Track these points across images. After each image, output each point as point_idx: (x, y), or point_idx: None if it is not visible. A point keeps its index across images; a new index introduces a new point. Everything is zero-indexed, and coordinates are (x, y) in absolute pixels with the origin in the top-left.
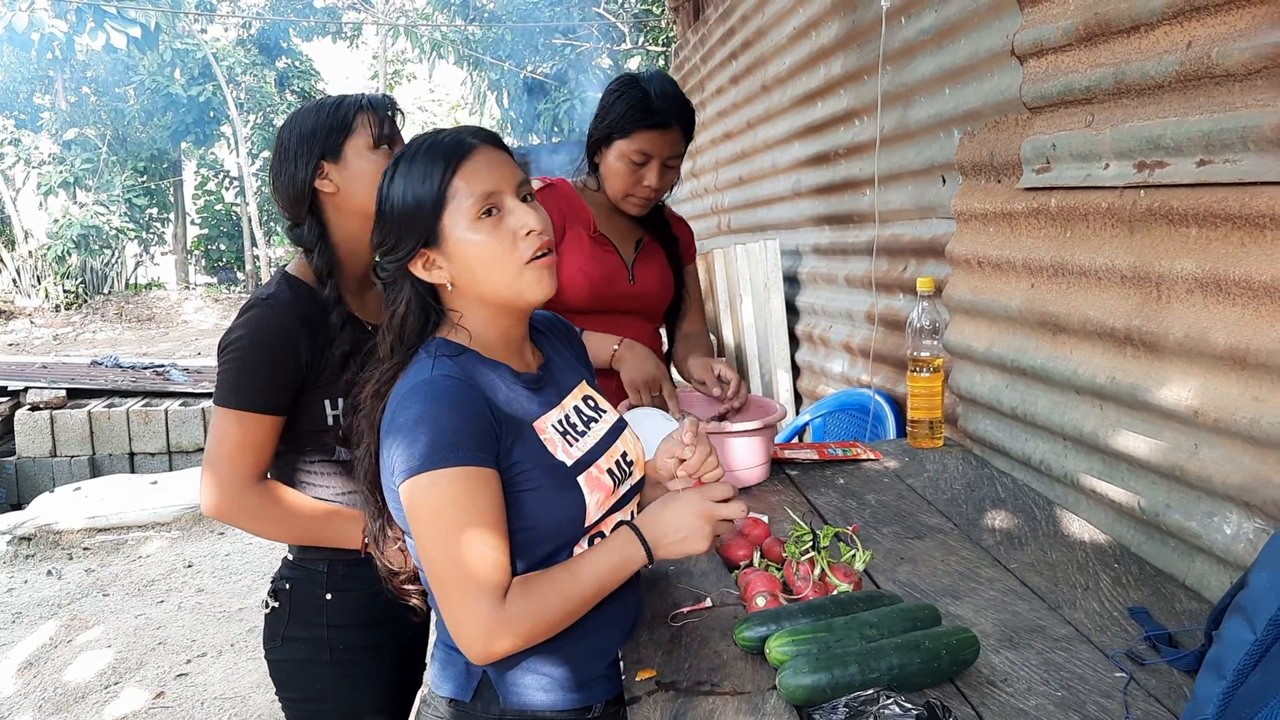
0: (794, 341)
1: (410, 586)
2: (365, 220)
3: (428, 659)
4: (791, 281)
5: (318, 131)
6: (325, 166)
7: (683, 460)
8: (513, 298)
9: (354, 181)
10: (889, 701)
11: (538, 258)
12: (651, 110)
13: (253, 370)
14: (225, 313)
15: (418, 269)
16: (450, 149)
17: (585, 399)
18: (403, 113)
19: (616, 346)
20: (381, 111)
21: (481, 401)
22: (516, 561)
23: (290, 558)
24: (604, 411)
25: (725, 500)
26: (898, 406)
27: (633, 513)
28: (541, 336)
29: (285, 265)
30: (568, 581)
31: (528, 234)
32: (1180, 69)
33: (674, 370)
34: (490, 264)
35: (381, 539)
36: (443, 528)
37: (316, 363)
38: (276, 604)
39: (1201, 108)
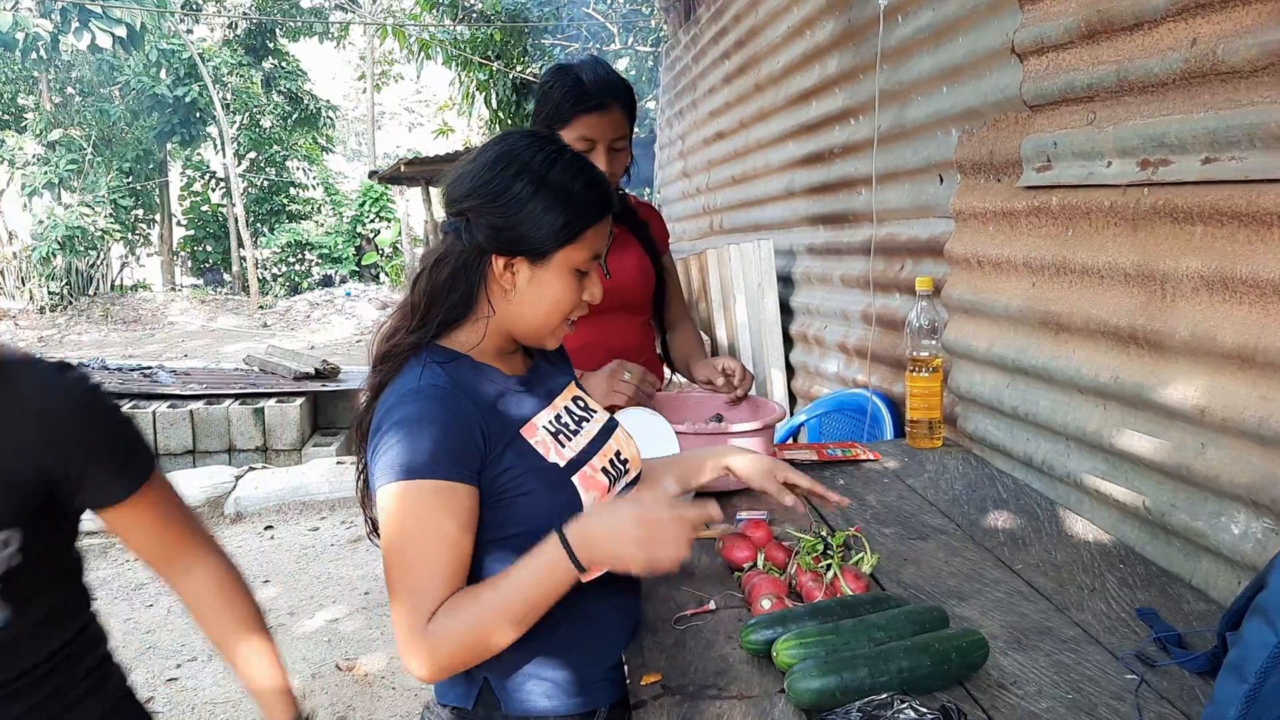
0: (788, 342)
1: None
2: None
3: None
4: (785, 281)
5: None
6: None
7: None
8: (528, 336)
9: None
10: (903, 706)
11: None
12: (586, 94)
13: None
14: (211, 314)
15: (497, 264)
16: (604, 201)
17: (575, 399)
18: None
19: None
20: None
21: (470, 412)
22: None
23: None
24: (594, 412)
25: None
26: (894, 406)
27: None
28: None
29: None
30: (490, 596)
31: (587, 305)
32: (1185, 66)
33: (675, 372)
34: (543, 307)
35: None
36: (402, 539)
37: None
38: None
39: (1206, 105)
